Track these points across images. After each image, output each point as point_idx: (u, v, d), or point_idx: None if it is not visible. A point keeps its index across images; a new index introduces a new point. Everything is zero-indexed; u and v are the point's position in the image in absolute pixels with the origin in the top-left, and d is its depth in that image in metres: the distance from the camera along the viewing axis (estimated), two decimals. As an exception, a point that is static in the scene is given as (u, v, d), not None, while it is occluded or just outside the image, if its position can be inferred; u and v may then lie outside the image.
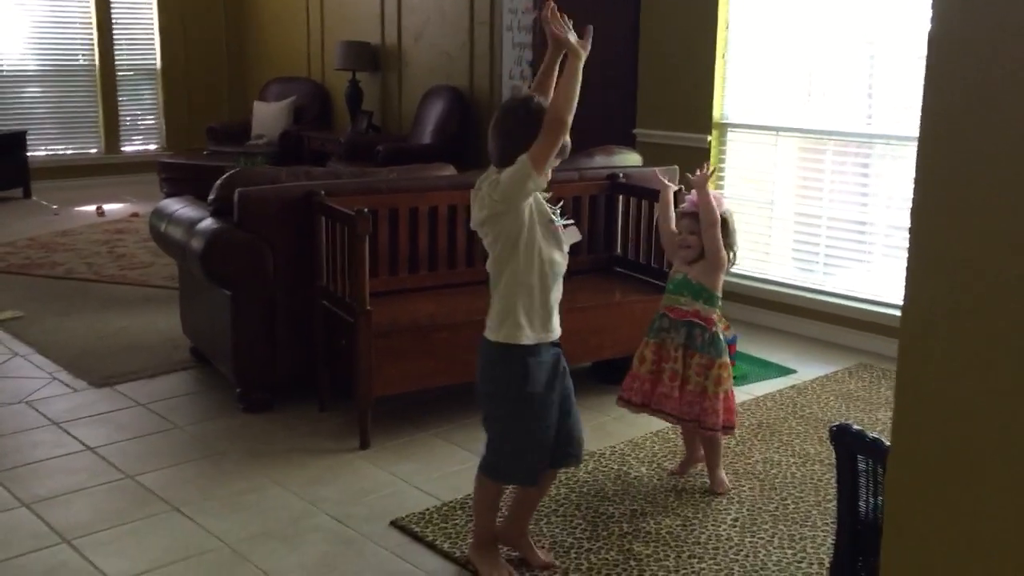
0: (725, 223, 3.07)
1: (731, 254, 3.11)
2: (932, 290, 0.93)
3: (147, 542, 2.81)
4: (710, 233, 3.01)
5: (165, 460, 3.36)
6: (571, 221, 2.65)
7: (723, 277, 3.09)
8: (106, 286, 5.61)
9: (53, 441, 3.50)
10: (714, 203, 3.02)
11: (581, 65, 2.40)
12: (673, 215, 3.20)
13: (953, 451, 0.95)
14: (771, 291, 5.07)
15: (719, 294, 3.08)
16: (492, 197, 2.45)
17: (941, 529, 0.98)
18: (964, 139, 0.89)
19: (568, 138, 2.45)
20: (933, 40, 0.88)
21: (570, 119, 2.39)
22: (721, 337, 3.08)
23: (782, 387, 4.16)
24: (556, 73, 2.54)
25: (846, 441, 2.03)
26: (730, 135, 5.26)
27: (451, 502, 3.06)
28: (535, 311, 2.51)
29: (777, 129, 5.08)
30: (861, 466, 2.03)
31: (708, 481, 3.20)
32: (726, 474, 3.22)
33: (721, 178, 5.31)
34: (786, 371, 4.37)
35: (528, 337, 2.52)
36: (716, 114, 5.23)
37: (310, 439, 3.55)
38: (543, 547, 2.77)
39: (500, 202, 2.44)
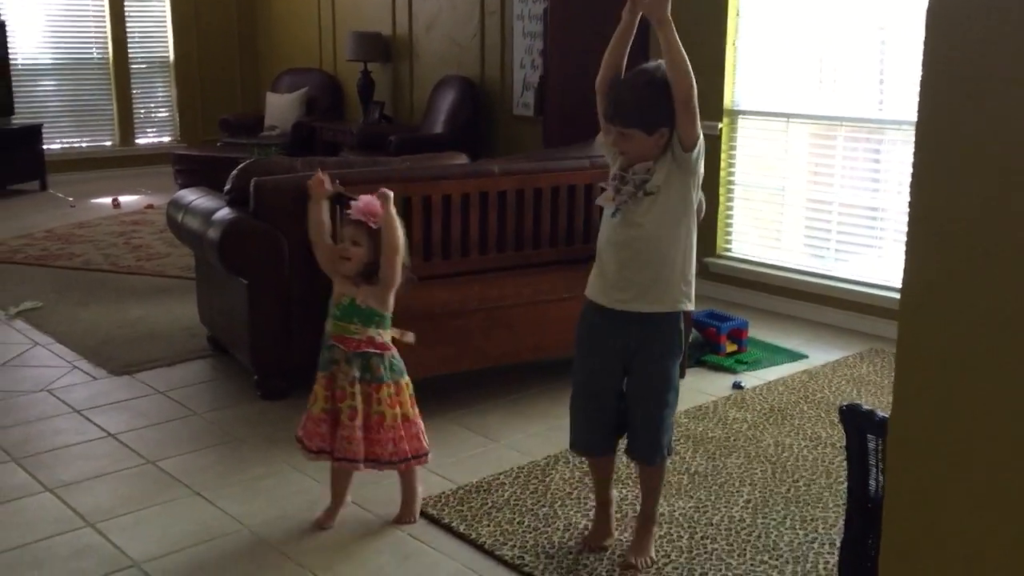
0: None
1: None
2: (931, 256, 0.96)
3: (169, 525, 2.87)
4: (392, 260, 2.69)
5: (185, 446, 3.42)
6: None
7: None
8: (123, 277, 5.68)
9: (75, 428, 3.56)
10: (397, 223, 2.71)
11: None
12: (328, 227, 2.81)
13: (953, 415, 0.98)
14: (783, 277, 5.09)
15: (391, 312, 2.78)
16: (690, 159, 2.48)
17: (942, 495, 1.01)
18: (961, 113, 0.92)
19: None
20: (931, 17, 0.90)
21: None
22: (398, 356, 2.80)
23: (794, 372, 4.18)
24: (630, 43, 2.52)
25: (856, 421, 2.06)
26: (741, 122, 5.27)
27: (466, 485, 3.10)
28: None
29: (788, 116, 5.09)
30: (871, 445, 2.06)
31: (400, 514, 2.90)
32: (736, 457, 3.25)
33: (732, 164, 5.32)
34: (798, 356, 4.39)
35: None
36: (727, 101, 5.25)
37: (327, 425, 3.59)
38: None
39: (694, 169, 2.51)
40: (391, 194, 2.74)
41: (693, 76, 2.42)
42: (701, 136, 2.49)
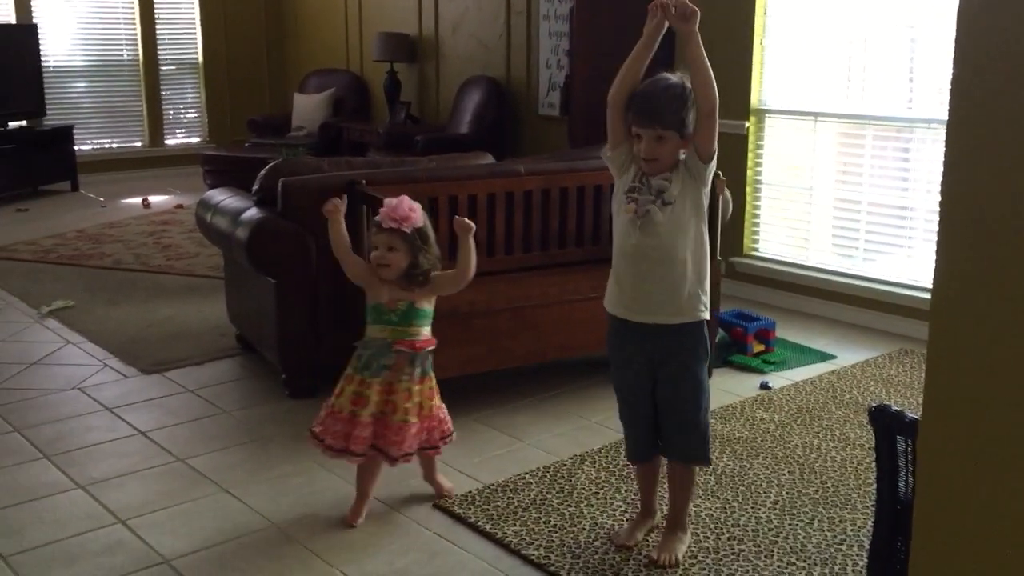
0: (427, 236, 2.82)
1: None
2: (963, 253, 0.95)
3: (199, 522, 2.90)
4: (460, 282, 2.85)
5: (214, 444, 3.45)
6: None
7: None
8: (153, 276, 5.74)
9: (106, 425, 3.60)
10: (473, 252, 2.84)
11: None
12: (349, 241, 2.89)
13: (986, 415, 0.97)
14: (810, 277, 5.06)
15: None
16: (706, 171, 2.50)
17: (973, 497, 1.00)
18: (993, 108, 0.91)
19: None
20: (962, 14, 0.90)
21: None
22: None
23: (822, 372, 4.15)
24: (650, 58, 2.55)
25: (885, 421, 2.04)
26: (768, 121, 5.25)
27: (492, 485, 3.11)
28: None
29: (816, 114, 5.06)
30: (900, 447, 2.04)
31: (434, 489, 3.04)
32: (763, 458, 3.24)
33: (759, 164, 5.30)
34: (826, 356, 4.36)
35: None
36: (754, 100, 5.22)
37: (354, 424, 3.61)
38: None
39: (707, 180, 2.53)
40: (473, 226, 2.84)
41: (716, 89, 2.43)
42: (716, 149, 2.51)
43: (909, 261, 4.75)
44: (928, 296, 1.11)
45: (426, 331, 2.86)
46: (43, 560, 2.69)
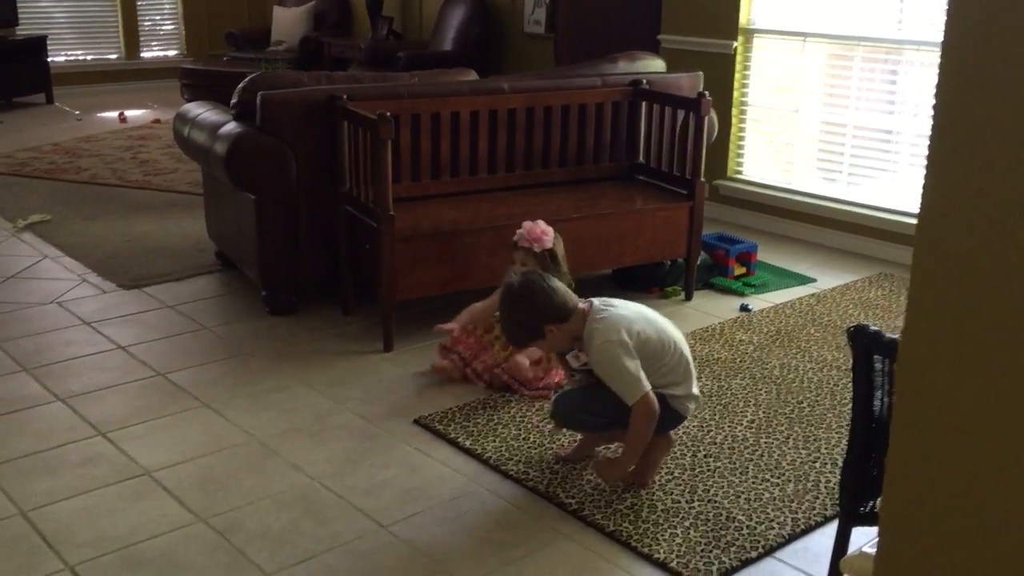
0: (555, 256, 3.15)
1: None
2: (954, 166, 0.94)
3: (179, 435, 2.91)
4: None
5: (194, 359, 3.45)
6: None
7: None
8: (131, 191, 5.66)
9: (85, 340, 3.59)
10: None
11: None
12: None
13: (970, 329, 0.98)
14: (793, 200, 5.05)
15: None
16: None
17: (952, 412, 1.01)
18: (992, 22, 0.89)
19: None
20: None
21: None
22: None
23: (802, 295, 4.18)
24: None
25: (863, 341, 2.05)
26: (756, 41, 5.17)
27: (472, 402, 3.13)
28: None
29: (805, 35, 4.99)
30: (877, 366, 2.06)
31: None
32: (742, 379, 3.27)
33: (745, 85, 5.24)
34: (806, 280, 4.38)
35: None
36: (743, 19, 5.13)
37: (334, 341, 3.62)
38: None
39: None
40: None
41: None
42: None
43: (892, 185, 4.74)
44: (910, 220, 1.08)
45: None
46: (24, 470, 2.70)
